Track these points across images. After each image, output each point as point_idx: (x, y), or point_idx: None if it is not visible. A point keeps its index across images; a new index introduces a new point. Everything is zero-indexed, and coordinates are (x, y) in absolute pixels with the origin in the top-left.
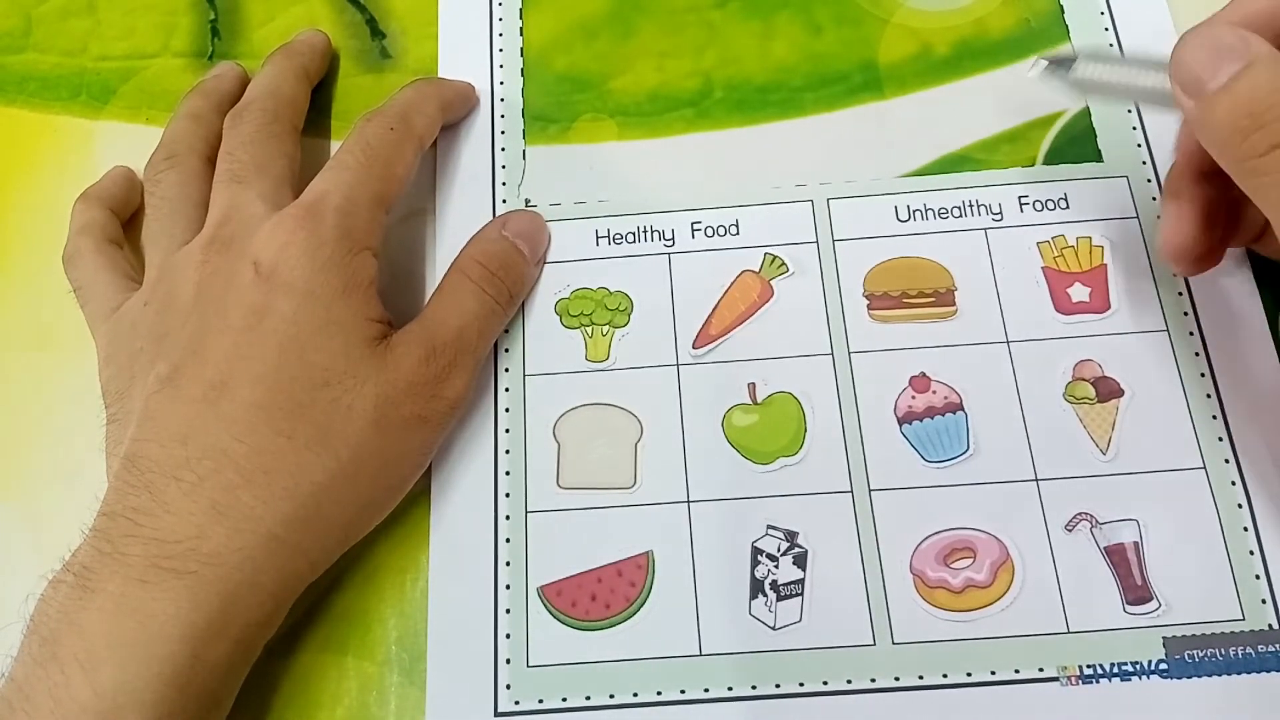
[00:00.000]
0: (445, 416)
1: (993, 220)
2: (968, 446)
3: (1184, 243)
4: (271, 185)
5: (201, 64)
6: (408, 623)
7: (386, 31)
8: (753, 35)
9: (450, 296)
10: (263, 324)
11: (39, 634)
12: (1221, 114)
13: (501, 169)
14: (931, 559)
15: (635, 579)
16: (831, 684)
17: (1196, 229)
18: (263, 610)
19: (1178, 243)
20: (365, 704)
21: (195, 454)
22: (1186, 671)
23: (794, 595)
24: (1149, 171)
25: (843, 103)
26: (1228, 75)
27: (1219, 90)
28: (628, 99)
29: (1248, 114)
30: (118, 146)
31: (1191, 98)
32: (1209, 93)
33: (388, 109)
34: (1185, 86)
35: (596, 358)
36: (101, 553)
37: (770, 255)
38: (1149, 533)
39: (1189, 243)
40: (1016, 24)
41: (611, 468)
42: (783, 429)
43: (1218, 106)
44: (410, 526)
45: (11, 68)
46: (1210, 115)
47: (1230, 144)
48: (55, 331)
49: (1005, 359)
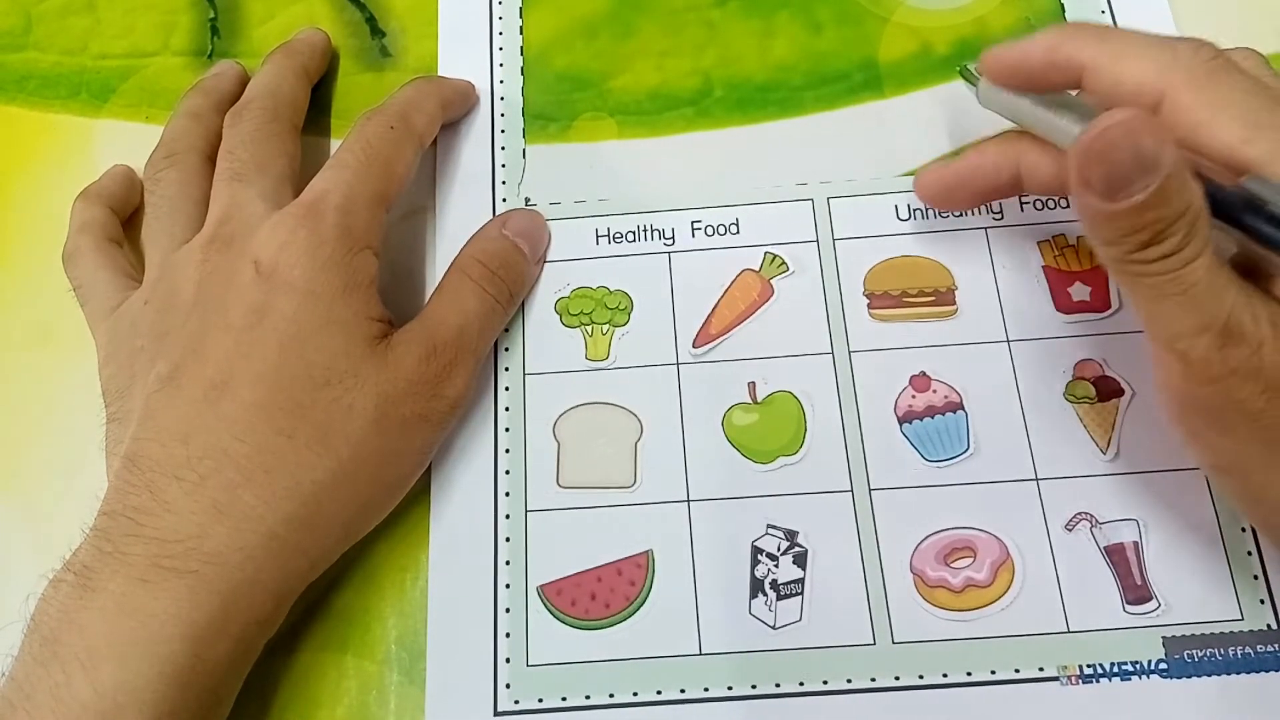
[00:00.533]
0: (446, 415)
1: (993, 219)
2: (968, 446)
3: (942, 194)
4: (272, 184)
5: (201, 62)
6: (407, 622)
7: (386, 30)
8: (753, 34)
9: (450, 295)
10: (263, 323)
11: (40, 633)
12: (1125, 224)
13: (501, 168)
14: (931, 558)
15: (635, 578)
16: (831, 683)
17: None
18: (263, 609)
19: (935, 191)
20: (365, 703)
21: (196, 453)
22: (1186, 671)
23: (794, 594)
24: None
25: (843, 101)
26: (1142, 189)
27: (1130, 206)
28: (628, 98)
29: (1151, 230)
30: (117, 145)
31: (1098, 196)
32: (1118, 202)
33: (388, 107)
34: (1093, 186)
35: (596, 357)
36: (102, 552)
37: (770, 254)
38: (1149, 533)
39: (946, 197)
40: (1017, 23)
41: (611, 467)
42: (783, 428)
43: (1124, 218)
44: (410, 526)
45: (11, 66)
46: (1113, 222)
47: (1122, 248)
48: (55, 330)
49: (1005, 358)
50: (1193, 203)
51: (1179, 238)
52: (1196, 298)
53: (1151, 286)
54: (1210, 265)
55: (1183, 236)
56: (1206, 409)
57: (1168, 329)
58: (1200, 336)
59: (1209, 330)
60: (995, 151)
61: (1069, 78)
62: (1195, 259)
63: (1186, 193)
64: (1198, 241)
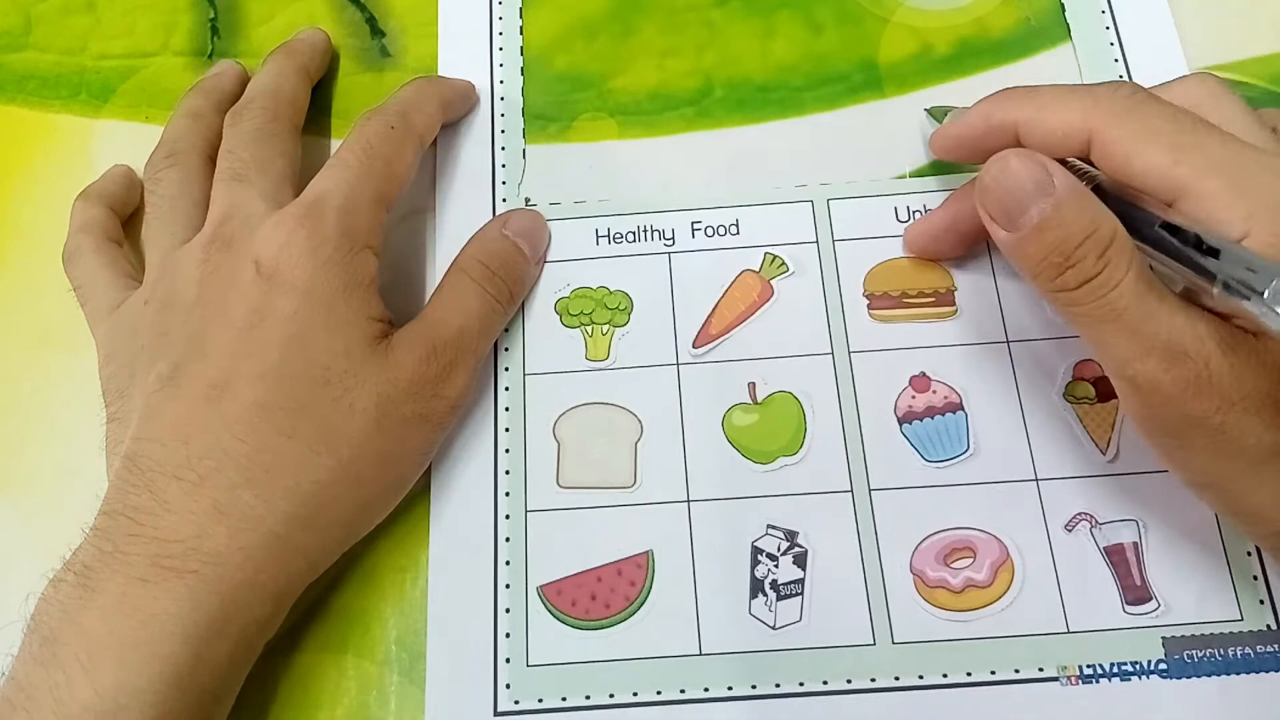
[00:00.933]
0: (446, 415)
1: None
2: (968, 446)
3: (928, 246)
4: (272, 184)
5: (201, 62)
6: (407, 622)
7: (386, 30)
8: (753, 34)
9: (451, 295)
10: (264, 323)
11: (40, 633)
12: (1033, 250)
13: (501, 168)
14: (931, 559)
15: (635, 578)
16: (831, 684)
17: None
18: (263, 609)
19: (921, 244)
20: (365, 703)
21: (196, 453)
22: (1185, 671)
23: (794, 595)
24: None
25: (843, 102)
26: (1038, 213)
27: (1030, 229)
28: (628, 98)
29: (1059, 252)
30: (117, 145)
31: (1002, 228)
32: (1019, 228)
33: (388, 107)
34: (996, 218)
35: (596, 357)
36: (102, 552)
37: (770, 255)
38: (1148, 533)
39: (932, 248)
40: (1017, 23)
41: (611, 467)
42: (783, 428)
43: (1029, 244)
44: (410, 526)
45: (11, 66)
46: (1022, 250)
47: (1044, 278)
48: (55, 330)
49: (1005, 359)
50: (1099, 227)
51: (1091, 261)
52: (1131, 322)
53: (1084, 315)
54: (1139, 290)
55: (1096, 260)
56: (1170, 430)
57: (1113, 356)
58: (1145, 360)
59: (1151, 353)
60: (968, 196)
61: (1007, 139)
62: (1118, 284)
63: (1087, 215)
64: (1117, 267)
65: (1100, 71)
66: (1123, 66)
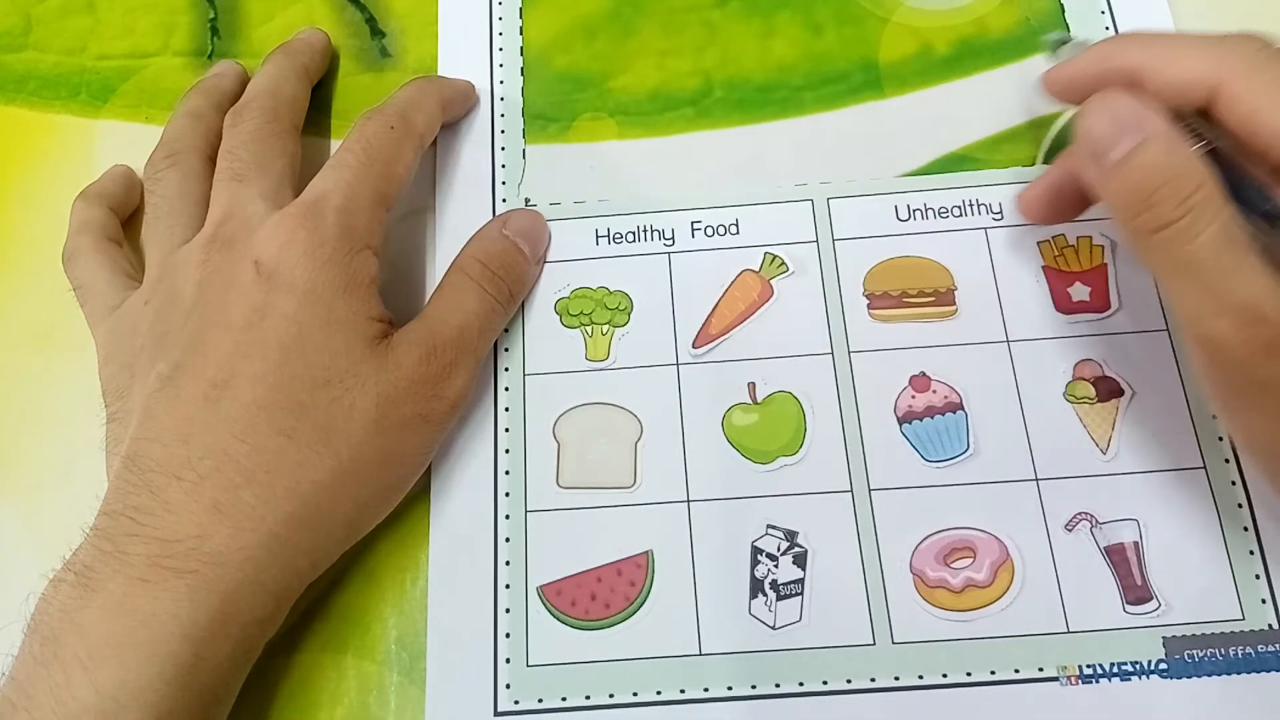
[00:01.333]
0: (446, 415)
1: (993, 219)
2: (968, 446)
3: (1047, 207)
4: (272, 184)
5: (201, 63)
6: (408, 622)
7: (386, 30)
8: (753, 34)
9: (451, 295)
10: (264, 323)
11: (40, 633)
12: (1116, 187)
13: (501, 168)
14: (931, 559)
15: (635, 578)
16: (831, 684)
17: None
18: (264, 609)
19: (1038, 207)
20: (365, 703)
21: (196, 453)
22: (1186, 671)
23: (794, 595)
24: None
25: (843, 102)
26: (1123, 150)
27: (1115, 164)
28: (628, 98)
29: (1137, 192)
30: (117, 145)
31: (1093, 164)
32: (1107, 163)
33: (388, 107)
34: (1086, 151)
35: (596, 357)
36: (103, 552)
37: (770, 255)
38: (1149, 533)
39: (1052, 208)
40: (1017, 23)
41: (611, 467)
42: (783, 428)
43: (1112, 179)
44: (410, 526)
45: (11, 66)
46: (1105, 186)
47: (1124, 217)
48: (55, 330)
49: (1005, 358)
50: (1183, 174)
51: (1169, 207)
52: (1207, 278)
53: (1163, 266)
54: (1219, 246)
55: (1174, 207)
56: (1235, 391)
57: (1187, 311)
58: (1218, 318)
59: (1225, 313)
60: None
61: (1124, 83)
62: (1198, 237)
63: (1172, 160)
64: (1198, 219)
65: None
66: None
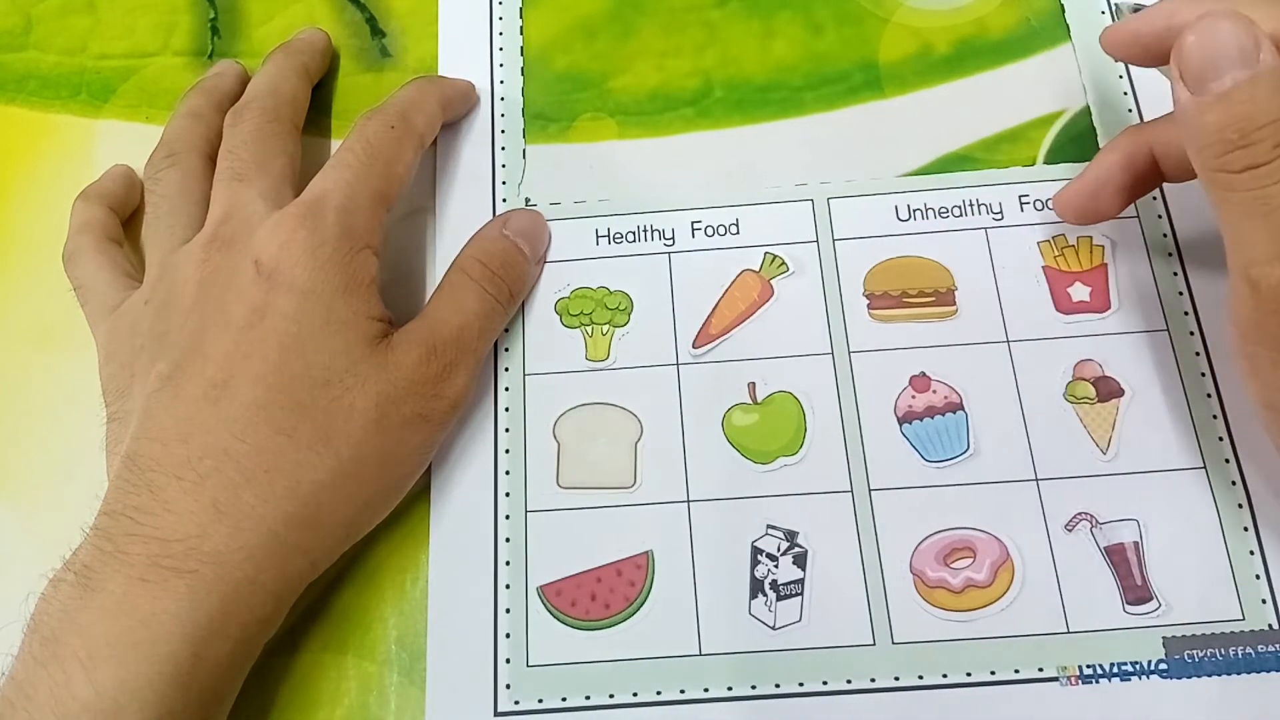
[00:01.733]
0: (446, 415)
1: (993, 220)
2: (968, 446)
3: (1086, 205)
4: (272, 183)
5: (201, 63)
6: (408, 622)
7: (386, 30)
8: (753, 35)
9: (451, 295)
10: (263, 323)
11: (40, 633)
12: (1212, 119)
13: (502, 168)
14: (931, 559)
15: (635, 579)
16: (831, 684)
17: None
18: (264, 609)
19: (1079, 204)
20: (365, 703)
21: (196, 453)
22: (1186, 671)
23: (794, 595)
24: None
25: (843, 102)
26: (1231, 80)
27: (1218, 95)
28: (628, 98)
29: (1237, 128)
30: (118, 145)
31: (1189, 90)
32: (1207, 92)
33: (388, 107)
34: (1186, 76)
35: (596, 357)
36: (102, 551)
37: (770, 255)
38: (1149, 533)
39: (1090, 206)
40: (1017, 23)
41: (611, 467)
42: (783, 429)
43: (1211, 110)
44: (410, 526)
45: (11, 66)
46: (1200, 116)
47: (1209, 151)
48: (55, 330)
49: (1005, 359)
50: None
51: (1266, 147)
52: (1278, 222)
53: (1236, 203)
54: None
55: (1271, 148)
56: (1271, 340)
57: (1246, 253)
58: (1276, 264)
59: None
60: (1125, 144)
61: None
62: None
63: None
64: None
65: (1101, 73)
66: (1123, 67)
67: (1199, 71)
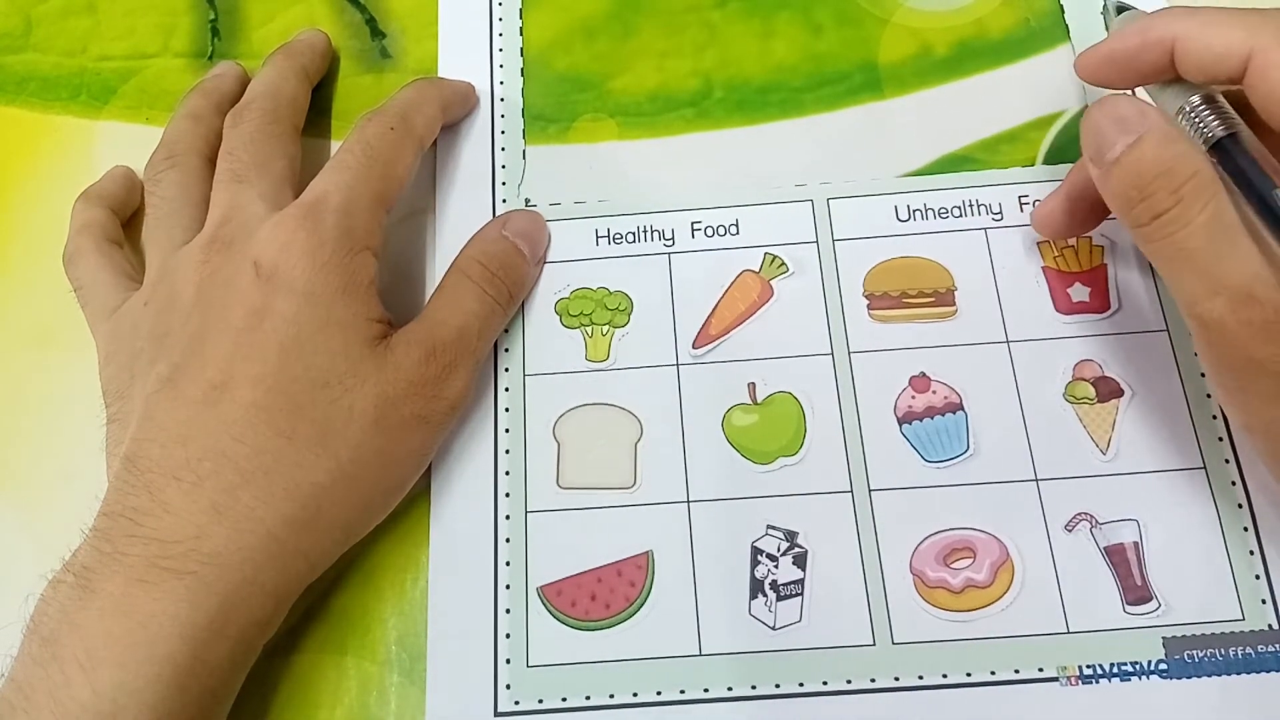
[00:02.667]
0: (445, 416)
1: (993, 220)
2: (968, 446)
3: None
4: (272, 185)
5: (201, 64)
6: (408, 623)
7: (386, 31)
8: (753, 35)
9: (450, 296)
10: (263, 324)
11: (39, 634)
12: (1114, 184)
13: (501, 169)
14: (931, 559)
15: (635, 579)
16: (831, 684)
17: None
18: (263, 610)
19: (1055, 222)
20: (365, 704)
21: (195, 454)
22: (1186, 672)
23: (794, 595)
24: None
25: (843, 103)
26: (1121, 147)
27: (1113, 162)
28: (628, 99)
29: (1135, 185)
30: (118, 146)
31: (1095, 164)
32: (1106, 163)
33: (388, 109)
34: (1089, 154)
35: (596, 358)
36: (101, 553)
37: (770, 255)
38: (1149, 533)
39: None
40: (1016, 24)
41: (611, 468)
42: (782, 429)
43: (1110, 177)
44: (410, 526)
45: (11, 68)
46: (1106, 184)
47: (1122, 211)
48: (55, 331)
49: (1005, 359)
50: (1176, 165)
51: (1162, 196)
52: (1201, 262)
53: (1160, 253)
54: (1213, 231)
55: (1167, 195)
56: (1232, 369)
57: (1183, 293)
58: (1213, 300)
59: (1219, 294)
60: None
61: (1161, 54)
62: (1189, 222)
63: (1167, 153)
64: (1189, 206)
65: None
66: None
67: (1098, 147)
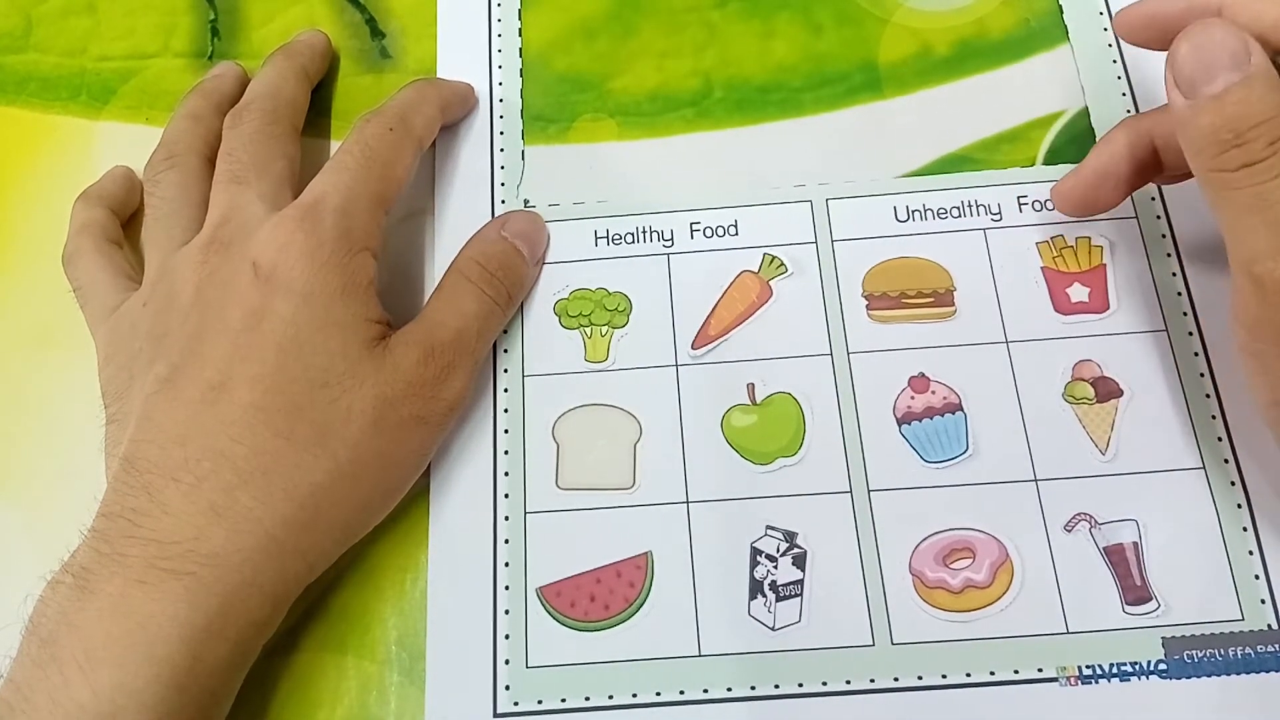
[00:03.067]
0: (444, 417)
1: (992, 220)
2: (967, 447)
3: (1086, 197)
4: (271, 186)
5: (201, 64)
6: (407, 622)
7: (386, 31)
8: (753, 35)
9: (449, 297)
10: (261, 325)
11: (38, 635)
12: (1206, 121)
13: (500, 169)
14: (931, 559)
15: (634, 579)
16: (830, 684)
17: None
18: (261, 611)
19: (1079, 195)
20: (365, 703)
21: (194, 455)
22: (1186, 672)
23: (793, 596)
24: None
25: (842, 103)
26: (1224, 83)
27: (1211, 97)
28: (627, 99)
29: (1231, 128)
30: (118, 146)
31: (1183, 95)
32: (1200, 96)
33: (387, 109)
34: (1180, 82)
35: (595, 358)
36: (100, 554)
37: (769, 255)
38: (1148, 533)
39: (1091, 198)
40: (1016, 24)
41: (611, 468)
42: (782, 429)
43: (1204, 113)
44: (410, 526)
45: (11, 68)
46: (1195, 119)
47: (1206, 152)
48: (55, 331)
49: (1004, 359)
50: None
51: (1260, 145)
52: (1278, 217)
53: (1235, 202)
54: None
55: (1265, 145)
56: (1277, 336)
57: (1248, 250)
58: (1278, 259)
59: None
60: (1125, 135)
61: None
62: (1279, 175)
63: (1274, 99)
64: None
65: (1099, 74)
66: (1121, 68)
67: (1192, 76)
